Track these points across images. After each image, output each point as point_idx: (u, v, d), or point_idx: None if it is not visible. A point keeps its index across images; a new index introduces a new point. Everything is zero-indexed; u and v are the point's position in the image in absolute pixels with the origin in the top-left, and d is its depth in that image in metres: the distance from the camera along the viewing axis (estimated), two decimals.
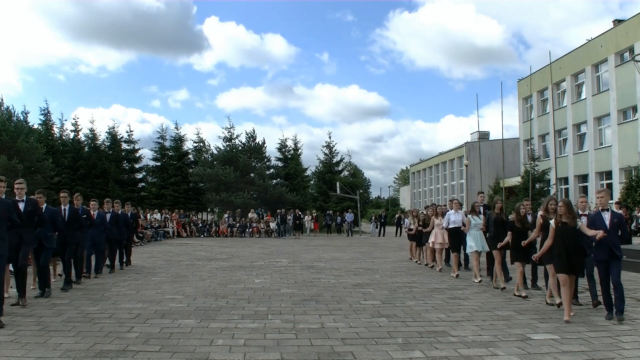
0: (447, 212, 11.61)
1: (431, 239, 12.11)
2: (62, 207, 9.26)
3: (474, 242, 9.95)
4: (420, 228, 13.19)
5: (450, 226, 11.29)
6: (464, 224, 10.71)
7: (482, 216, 10.23)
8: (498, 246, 9.05)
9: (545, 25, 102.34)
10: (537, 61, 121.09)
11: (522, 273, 8.48)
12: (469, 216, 10.34)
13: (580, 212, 7.50)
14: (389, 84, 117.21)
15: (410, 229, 14.13)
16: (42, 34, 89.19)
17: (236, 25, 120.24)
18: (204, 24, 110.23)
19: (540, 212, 7.70)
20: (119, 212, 12.32)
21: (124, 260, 12.60)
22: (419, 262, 13.82)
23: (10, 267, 7.82)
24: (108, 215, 11.63)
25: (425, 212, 13.53)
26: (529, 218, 9.05)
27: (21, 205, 7.24)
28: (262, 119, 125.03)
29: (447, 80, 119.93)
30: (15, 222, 6.53)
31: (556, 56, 32.09)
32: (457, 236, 11.12)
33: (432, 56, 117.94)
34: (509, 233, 8.61)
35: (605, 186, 28.51)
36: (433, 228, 12.10)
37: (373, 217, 35.81)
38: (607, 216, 6.61)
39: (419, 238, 13.48)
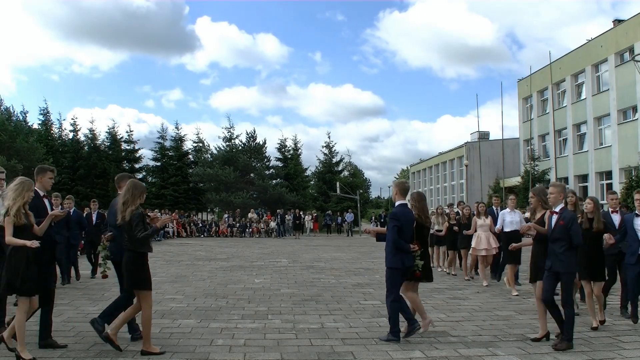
0: (502, 211, 9.54)
1: (473, 244, 9.93)
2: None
3: None
4: (456, 228, 10.91)
5: (507, 229, 9.10)
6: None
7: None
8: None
9: (538, 24, 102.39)
10: (532, 61, 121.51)
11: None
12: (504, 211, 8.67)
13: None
14: (382, 83, 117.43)
15: (439, 230, 11.60)
16: (34, 33, 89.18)
17: (228, 25, 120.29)
18: (196, 24, 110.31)
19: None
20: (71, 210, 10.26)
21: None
22: (447, 271, 11.56)
23: None
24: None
25: (460, 210, 11.36)
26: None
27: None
28: (257, 119, 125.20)
29: (441, 80, 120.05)
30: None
31: (554, 56, 32.11)
32: (515, 242, 8.43)
33: (424, 56, 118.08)
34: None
35: (605, 186, 28.54)
36: (476, 230, 9.98)
37: (373, 217, 35.84)
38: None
39: (452, 240, 11.16)
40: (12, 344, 4.76)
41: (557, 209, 5.38)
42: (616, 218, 6.67)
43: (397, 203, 5.76)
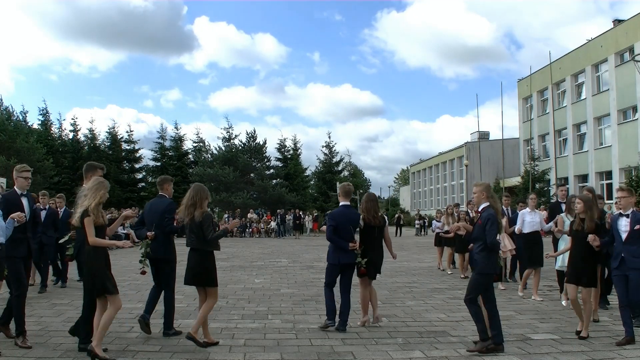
0: (522, 211, 8.80)
1: None
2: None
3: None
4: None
5: (526, 230, 8.40)
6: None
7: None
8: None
9: (536, 24, 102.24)
10: (530, 61, 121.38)
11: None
12: (563, 215, 7.56)
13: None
14: (381, 83, 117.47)
15: (447, 232, 11.07)
16: (32, 33, 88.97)
17: (227, 25, 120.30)
18: (194, 24, 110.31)
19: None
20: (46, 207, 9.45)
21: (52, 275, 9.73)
22: (463, 276, 10.68)
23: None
24: (43, 213, 9.01)
25: (469, 210, 10.72)
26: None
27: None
28: (256, 119, 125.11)
29: (440, 80, 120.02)
30: None
31: (553, 56, 32.11)
32: (535, 244, 8.31)
33: (423, 55, 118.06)
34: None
35: (605, 186, 28.52)
36: None
37: None
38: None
39: (461, 242, 10.42)
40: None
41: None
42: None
43: (340, 204, 6.15)
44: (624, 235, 5.35)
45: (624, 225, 5.38)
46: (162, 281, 5.76)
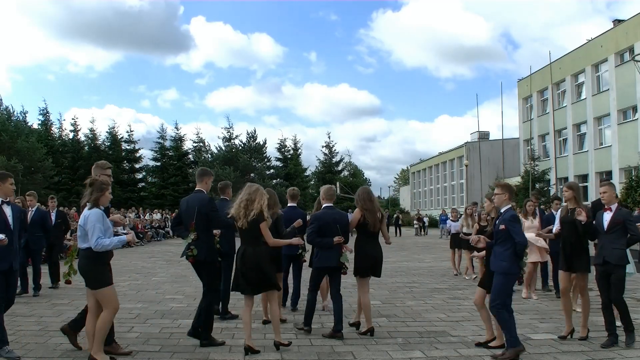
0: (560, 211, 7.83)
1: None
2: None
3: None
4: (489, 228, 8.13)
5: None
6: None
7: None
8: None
9: (533, 24, 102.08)
10: (527, 60, 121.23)
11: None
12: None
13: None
14: (378, 83, 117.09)
15: (467, 233, 9.82)
16: (29, 32, 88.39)
17: (223, 25, 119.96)
18: (191, 24, 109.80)
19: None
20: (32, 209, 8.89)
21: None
22: (466, 277, 10.59)
23: None
24: (30, 214, 8.58)
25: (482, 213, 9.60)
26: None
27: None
28: (253, 119, 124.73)
29: (437, 80, 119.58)
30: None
31: (551, 56, 32.10)
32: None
33: (419, 55, 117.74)
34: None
35: None
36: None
37: None
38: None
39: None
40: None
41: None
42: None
43: (323, 206, 6.05)
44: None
45: (606, 220, 5.44)
46: (207, 284, 5.53)
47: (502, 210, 5.22)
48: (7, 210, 4.98)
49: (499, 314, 4.95)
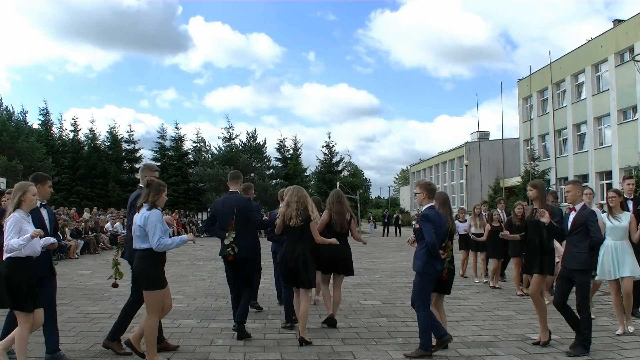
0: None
1: None
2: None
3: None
4: (506, 232, 7.23)
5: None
6: None
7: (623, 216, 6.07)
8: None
9: (532, 23, 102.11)
10: (526, 60, 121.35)
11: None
12: (604, 215, 6.23)
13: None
14: (377, 83, 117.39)
15: (480, 234, 9.99)
16: (27, 32, 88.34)
17: (222, 25, 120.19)
18: (189, 24, 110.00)
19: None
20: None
21: None
22: (485, 281, 10.02)
23: None
24: None
25: (514, 210, 9.00)
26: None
27: None
28: (252, 119, 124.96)
29: (436, 80, 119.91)
30: None
31: (549, 56, 32.09)
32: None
33: (418, 55, 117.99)
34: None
35: (605, 186, 28.51)
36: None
37: (371, 217, 35.99)
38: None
39: (494, 246, 9.37)
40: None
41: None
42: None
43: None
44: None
45: (570, 221, 5.26)
46: (245, 281, 5.79)
47: (423, 209, 5.37)
48: (45, 213, 4.84)
49: (419, 314, 5.10)
